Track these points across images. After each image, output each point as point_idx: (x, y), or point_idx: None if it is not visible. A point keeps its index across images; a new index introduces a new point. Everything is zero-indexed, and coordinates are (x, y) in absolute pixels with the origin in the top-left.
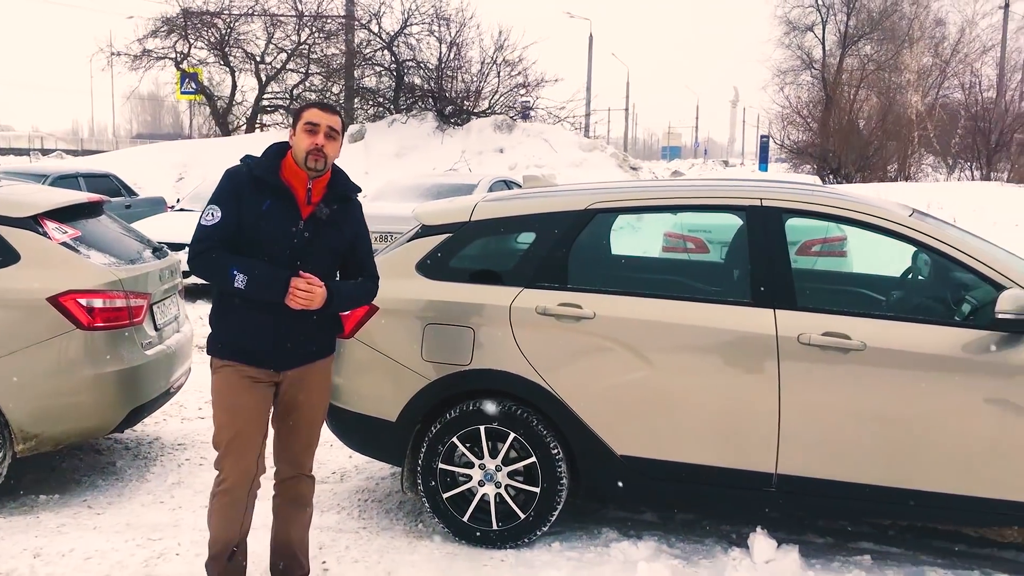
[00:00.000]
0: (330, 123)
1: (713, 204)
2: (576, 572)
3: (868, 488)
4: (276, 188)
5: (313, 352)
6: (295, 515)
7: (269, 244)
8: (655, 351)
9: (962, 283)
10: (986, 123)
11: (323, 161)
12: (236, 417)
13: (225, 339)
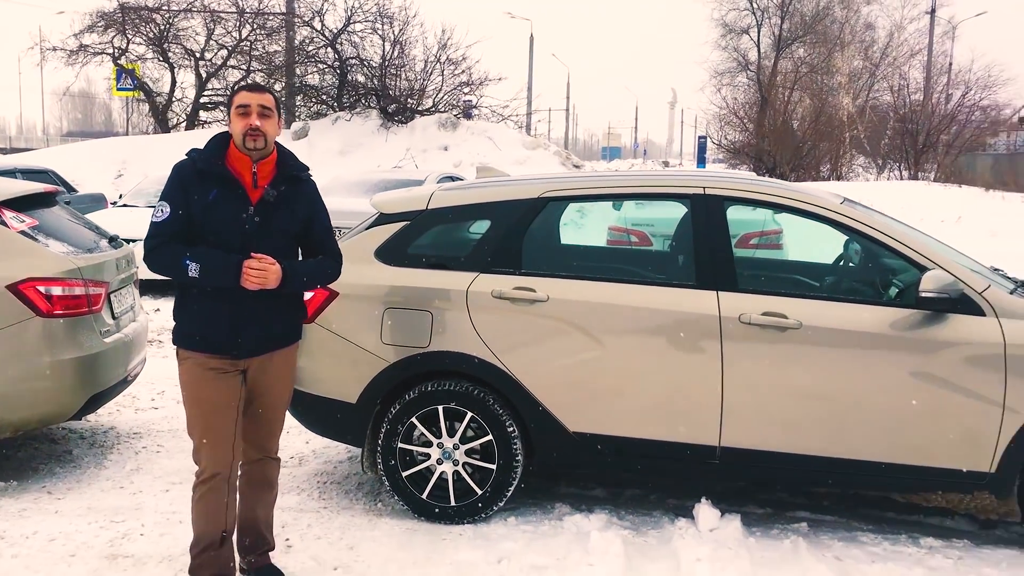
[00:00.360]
0: (261, 102)
1: (659, 192)
2: (531, 543)
3: (805, 458)
4: (221, 177)
5: (276, 339)
6: (261, 496)
7: (220, 233)
8: (605, 332)
9: (889, 266)
10: (913, 125)
11: (262, 140)
12: (206, 409)
13: (188, 330)
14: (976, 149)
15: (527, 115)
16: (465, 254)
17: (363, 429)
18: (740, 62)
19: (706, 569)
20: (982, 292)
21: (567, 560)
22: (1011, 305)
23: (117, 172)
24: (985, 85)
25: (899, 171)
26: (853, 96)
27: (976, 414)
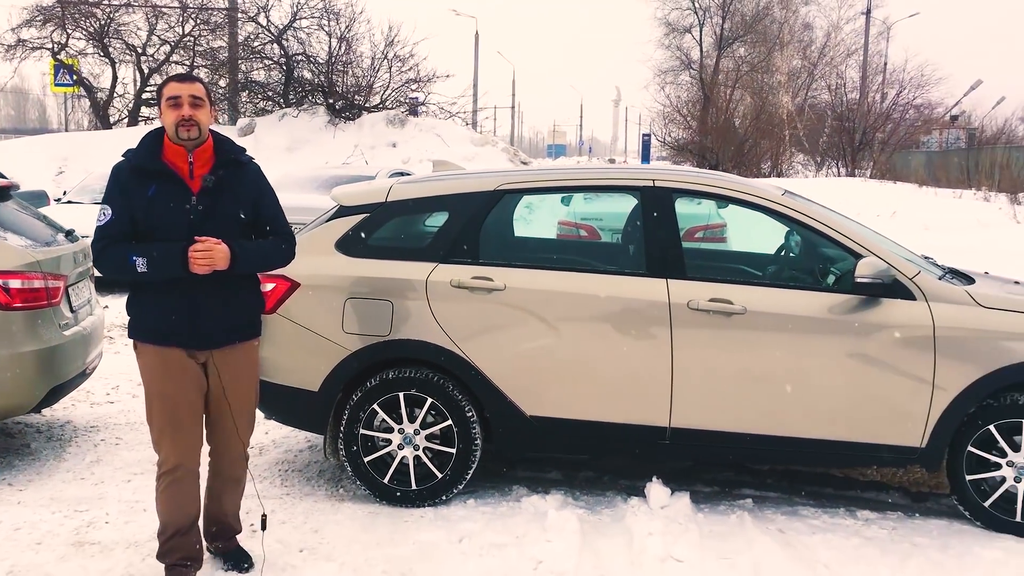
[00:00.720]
0: (191, 92)
1: (611, 185)
2: (491, 523)
3: (750, 436)
4: (157, 171)
5: (236, 330)
6: (228, 491)
7: (165, 227)
8: (560, 319)
9: (828, 255)
10: (850, 123)
11: (196, 129)
12: (165, 401)
13: (142, 324)
14: (910, 147)
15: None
16: (424, 245)
17: (325, 417)
18: (683, 61)
19: (658, 542)
20: (913, 278)
21: (525, 538)
22: (939, 290)
23: (58, 169)
24: (918, 84)
25: (837, 168)
26: (792, 95)
27: (908, 392)
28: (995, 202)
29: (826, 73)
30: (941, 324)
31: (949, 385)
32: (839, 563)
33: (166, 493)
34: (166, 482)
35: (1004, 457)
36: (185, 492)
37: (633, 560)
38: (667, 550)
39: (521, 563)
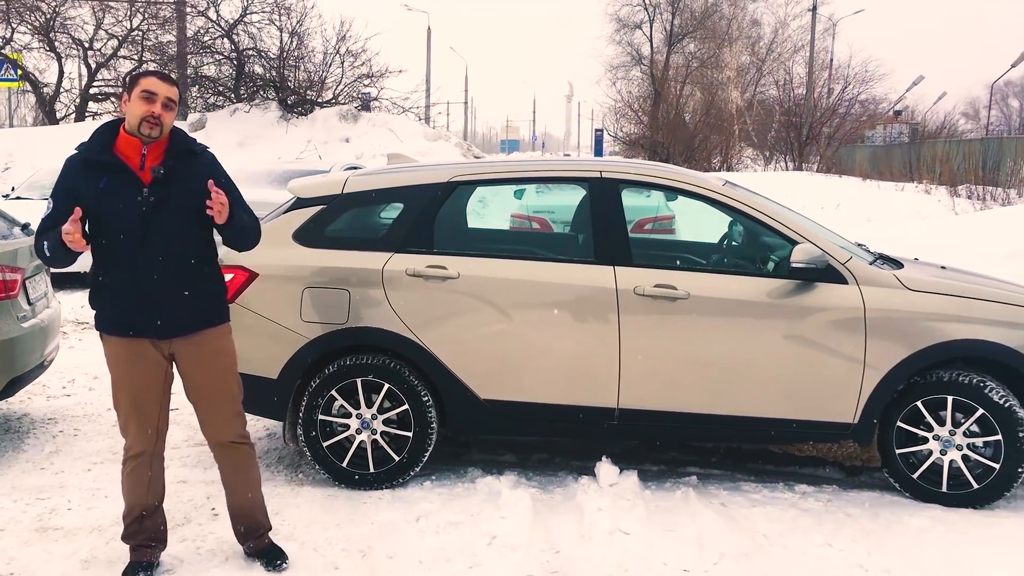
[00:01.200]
0: (168, 94)
1: (560, 176)
2: (447, 503)
3: (694, 416)
4: (108, 164)
5: (199, 317)
6: (240, 480)
7: (116, 219)
8: (512, 306)
9: (767, 243)
10: (797, 118)
11: (158, 129)
12: (128, 389)
13: (104, 315)
14: (855, 141)
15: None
16: (380, 235)
17: (284, 403)
18: (634, 56)
19: (606, 517)
20: (845, 263)
21: (480, 516)
22: (870, 274)
23: (4, 165)
24: (863, 80)
25: (785, 162)
26: (741, 90)
27: (841, 371)
28: (935, 194)
29: (774, 69)
30: (871, 306)
31: (879, 364)
32: (777, 533)
33: (131, 476)
34: (131, 466)
35: (931, 431)
36: (149, 476)
37: (583, 534)
38: (615, 524)
39: (476, 539)
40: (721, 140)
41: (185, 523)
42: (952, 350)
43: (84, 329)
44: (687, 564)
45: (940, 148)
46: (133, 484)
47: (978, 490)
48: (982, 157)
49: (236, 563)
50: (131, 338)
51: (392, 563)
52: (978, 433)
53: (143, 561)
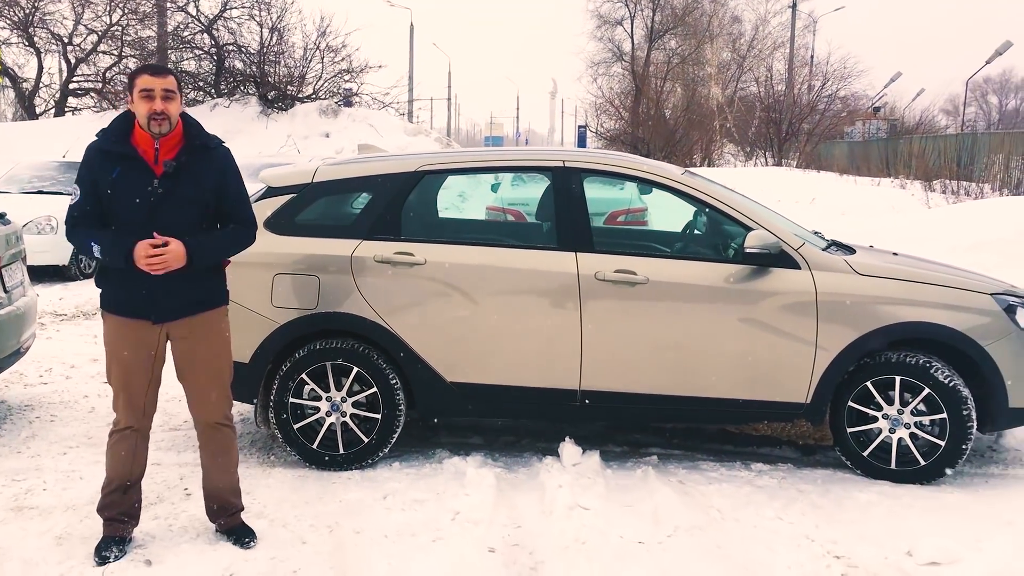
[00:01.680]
0: (164, 86)
1: (524, 166)
2: (415, 483)
3: (653, 397)
4: (122, 155)
5: (196, 303)
6: (220, 461)
7: (125, 208)
8: (478, 291)
9: (727, 231)
10: (777, 114)
11: (167, 123)
12: (121, 366)
13: (110, 295)
14: (834, 137)
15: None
16: (349, 223)
17: (256, 387)
18: (615, 53)
19: (567, 494)
20: (798, 248)
21: (445, 494)
22: (822, 259)
23: None
24: (842, 77)
25: (765, 158)
26: (722, 86)
27: (794, 353)
28: (910, 189)
29: (754, 65)
30: (823, 290)
31: (830, 346)
32: (731, 508)
33: (114, 449)
34: (115, 439)
35: (880, 411)
36: (131, 450)
37: (544, 509)
38: (575, 500)
39: (440, 515)
40: (702, 136)
41: (158, 502)
42: (899, 332)
43: (62, 320)
44: (642, 536)
45: (916, 144)
46: (117, 456)
47: (925, 466)
48: (957, 152)
49: (206, 539)
50: (126, 318)
51: (358, 537)
52: (924, 412)
53: (116, 536)
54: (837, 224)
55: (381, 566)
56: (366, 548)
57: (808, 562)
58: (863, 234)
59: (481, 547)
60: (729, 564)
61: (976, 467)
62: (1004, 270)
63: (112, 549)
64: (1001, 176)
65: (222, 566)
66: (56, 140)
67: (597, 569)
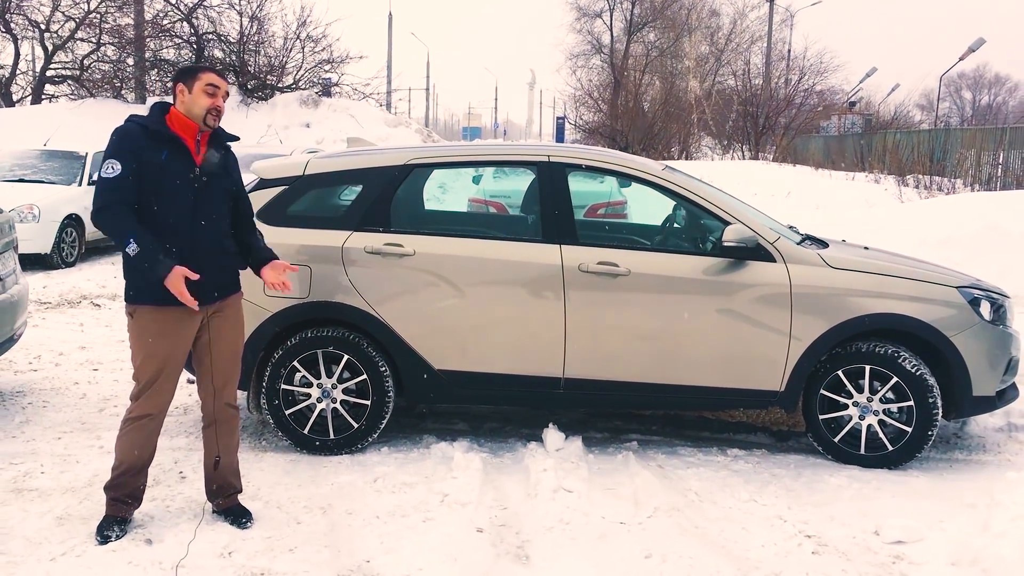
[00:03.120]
0: (227, 89)
1: (510, 160)
2: (403, 466)
3: (634, 384)
4: (172, 140)
5: (225, 288)
6: (224, 442)
7: (172, 191)
8: (465, 281)
9: (705, 223)
10: (754, 108)
11: (219, 120)
12: (158, 358)
13: (146, 286)
14: (811, 131)
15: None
16: (339, 215)
17: (248, 374)
18: (594, 45)
19: (551, 477)
20: (773, 242)
21: (433, 477)
22: (797, 253)
23: None
24: (818, 71)
25: (742, 151)
26: (700, 80)
27: (769, 343)
28: (884, 184)
29: (732, 59)
30: (796, 283)
31: (803, 336)
32: (707, 491)
33: (129, 436)
34: (132, 426)
35: (850, 398)
36: (147, 436)
37: (529, 492)
38: (559, 483)
39: (429, 497)
40: (680, 129)
41: (154, 485)
42: (870, 323)
43: (47, 309)
44: (623, 517)
45: (890, 139)
46: (132, 443)
47: (892, 452)
48: (930, 147)
49: (204, 519)
50: (174, 307)
51: (351, 518)
52: (893, 400)
53: (118, 516)
54: (812, 218)
55: (374, 545)
56: (359, 528)
57: (781, 541)
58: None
59: (469, 527)
60: (706, 543)
61: (941, 453)
62: (972, 264)
63: (114, 528)
64: (973, 172)
65: (220, 545)
66: (33, 128)
67: (580, 548)
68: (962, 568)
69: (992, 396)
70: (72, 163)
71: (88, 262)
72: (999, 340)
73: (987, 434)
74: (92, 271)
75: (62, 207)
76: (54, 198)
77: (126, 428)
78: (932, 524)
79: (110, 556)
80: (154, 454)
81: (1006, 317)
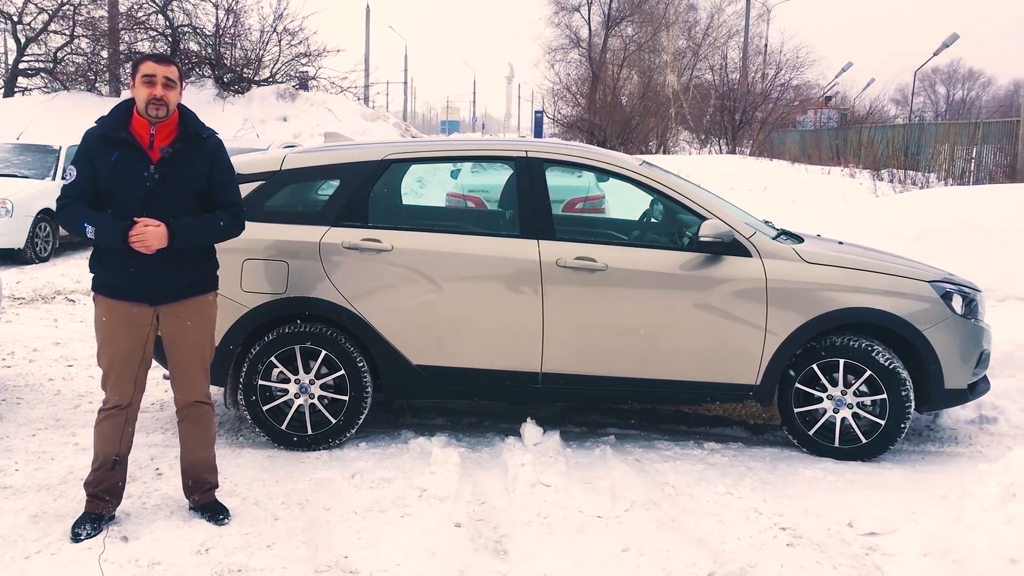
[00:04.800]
0: (166, 74)
1: (488, 155)
2: (381, 462)
3: (611, 379)
4: (120, 140)
5: (189, 286)
6: (198, 437)
7: (122, 191)
8: (443, 276)
9: (682, 218)
10: (731, 102)
11: (164, 109)
12: (114, 347)
13: (101, 278)
14: (787, 126)
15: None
16: (317, 210)
17: (225, 369)
18: (572, 39)
19: (529, 471)
20: (749, 237)
21: (411, 472)
22: (772, 248)
23: None
24: (795, 66)
25: (720, 145)
26: (678, 74)
27: (745, 337)
28: (859, 178)
29: (709, 53)
30: (772, 277)
31: (779, 330)
32: (684, 484)
33: (101, 426)
34: (103, 416)
35: (825, 392)
36: (118, 428)
37: (507, 486)
38: (537, 477)
39: (407, 492)
40: (657, 123)
41: (131, 482)
42: (843, 317)
43: (20, 304)
44: (601, 511)
45: (865, 133)
46: (105, 434)
47: (866, 444)
48: (905, 142)
49: (181, 516)
50: (123, 301)
51: (329, 514)
52: (866, 393)
53: (95, 512)
54: (788, 212)
55: (352, 540)
56: (337, 524)
57: (756, 533)
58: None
59: (447, 522)
60: (682, 535)
61: (914, 445)
62: (945, 258)
63: (86, 526)
64: (947, 166)
65: (198, 541)
66: (6, 121)
67: (558, 542)
68: (934, 559)
69: (964, 389)
70: (46, 157)
71: (62, 257)
72: (971, 334)
73: (959, 426)
74: (66, 266)
75: (35, 201)
76: (27, 192)
77: (99, 419)
78: (905, 516)
79: (85, 554)
80: (130, 448)
81: (977, 311)
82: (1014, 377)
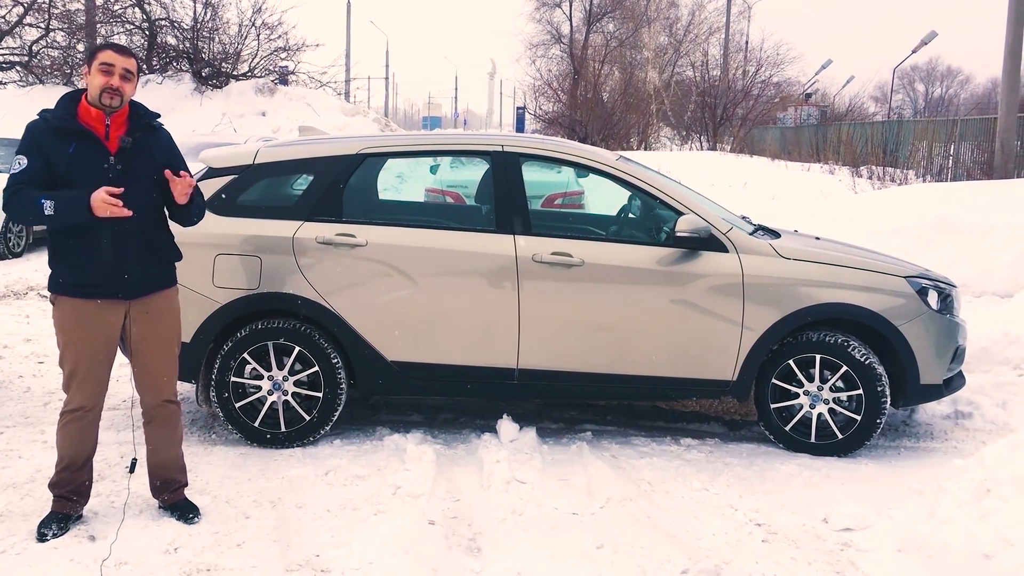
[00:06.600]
0: (125, 65)
1: (464, 150)
2: (356, 459)
3: (587, 375)
4: (77, 132)
5: (155, 280)
6: (165, 437)
7: (84, 184)
8: (418, 272)
9: (659, 214)
10: (712, 99)
11: (119, 99)
12: (76, 348)
13: (66, 277)
14: (767, 123)
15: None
16: (290, 204)
17: (197, 366)
18: (554, 35)
19: (504, 468)
20: (726, 233)
21: (386, 469)
22: (749, 243)
23: None
24: (775, 63)
25: (701, 142)
26: (659, 70)
27: (721, 332)
28: (839, 175)
29: (691, 50)
30: (748, 273)
31: (755, 326)
32: (660, 480)
33: (65, 429)
34: (67, 419)
35: (801, 387)
36: (82, 430)
37: (482, 483)
38: (512, 474)
39: (381, 489)
40: (639, 119)
41: (100, 480)
42: (820, 312)
43: None
44: (576, 508)
45: (845, 130)
46: (69, 437)
47: (842, 440)
48: (883, 139)
49: (150, 515)
50: (85, 300)
51: (301, 512)
52: (843, 388)
53: (62, 512)
54: (768, 208)
55: (324, 538)
56: (309, 522)
57: (731, 529)
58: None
59: (421, 520)
60: (658, 532)
61: (890, 440)
62: (922, 254)
63: (52, 526)
64: (925, 163)
65: (166, 541)
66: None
67: (533, 539)
68: (908, 554)
69: (939, 384)
70: None
71: (36, 252)
72: (946, 329)
73: (934, 422)
74: (40, 262)
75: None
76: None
77: (63, 421)
78: (880, 511)
79: (51, 553)
80: (95, 448)
81: (953, 306)
82: (989, 373)
